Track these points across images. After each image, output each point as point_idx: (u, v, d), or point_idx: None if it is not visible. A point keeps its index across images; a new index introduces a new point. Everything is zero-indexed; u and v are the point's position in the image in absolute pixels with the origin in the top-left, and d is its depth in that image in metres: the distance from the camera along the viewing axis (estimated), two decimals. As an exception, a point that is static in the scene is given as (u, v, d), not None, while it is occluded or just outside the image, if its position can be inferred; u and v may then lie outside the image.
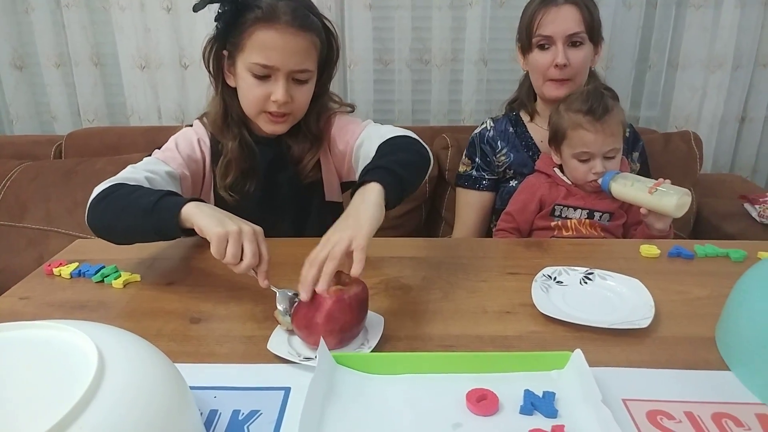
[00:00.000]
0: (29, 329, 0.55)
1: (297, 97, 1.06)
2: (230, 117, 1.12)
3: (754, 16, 1.89)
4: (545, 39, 1.29)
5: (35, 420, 0.42)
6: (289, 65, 1.02)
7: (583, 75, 1.31)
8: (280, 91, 1.02)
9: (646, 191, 1.11)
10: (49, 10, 1.92)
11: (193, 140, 1.13)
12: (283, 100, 1.03)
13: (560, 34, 1.27)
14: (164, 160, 1.07)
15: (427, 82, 2.00)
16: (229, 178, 1.11)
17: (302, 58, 1.03)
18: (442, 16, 1.90)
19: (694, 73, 1.95)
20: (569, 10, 1.27)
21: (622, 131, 1.22)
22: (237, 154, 1.11)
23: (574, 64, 1.27)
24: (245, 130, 1.13)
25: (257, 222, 0.89)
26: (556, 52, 1.27)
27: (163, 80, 1.97)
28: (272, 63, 1.01)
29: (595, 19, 1.29)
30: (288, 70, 1.02)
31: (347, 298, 0.72)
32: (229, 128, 1.11)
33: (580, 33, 1.26)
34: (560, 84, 1.29)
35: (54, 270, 0.95)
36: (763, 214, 1.57)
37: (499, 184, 1.43)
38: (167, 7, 1.88)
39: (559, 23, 1.27)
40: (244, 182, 1.13)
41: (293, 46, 1.02)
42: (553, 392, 0.64)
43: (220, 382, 0.67)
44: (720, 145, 2.05)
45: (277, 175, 1.16)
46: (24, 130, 2.06)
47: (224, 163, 1.11)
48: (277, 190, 1.17)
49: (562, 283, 0.90)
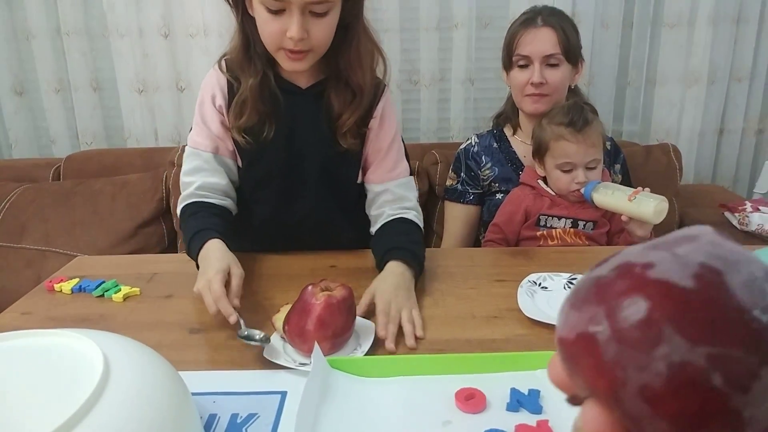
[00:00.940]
0: (38, 337, 0.58)
1: (315, 31, 0.94)
2: (253, 50, 1.01)
3: (726, 34, 1.96)
4: (523, 58, 1.36)
5: (43, 420, 0.45)
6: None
7: (560, 92, 1.38)
8: (295, 27, 0.91)
9: (625, 199, 1.15)
10: (50, 38, 1.97)
11: (216, 95, 1.05)
12: (298, 37, 0.92)
13: (537, 55, 1.33)
14: (197, 148, 1.06)
15: (416, 101, 2.05)
16: (243, 118, 1.02)
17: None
18: (429, 38, 1.96)
19: (671, 88, 2.02)
20: (546, 32, 1.34)
21: (602, 143, 1.27)
22: (255, 93, 1.01)
23: (551, 82, 1.34)
24: (271, 71, 1.03)
25: (279, 189, 1.08)
26: (533, 71, 1.34)
27: (160, 103, 2.02)
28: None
29: (572, 41, 1.35)
30: (302, 3, 0.90)
31: (336, 303, 0.74)
32: (251, 63, 1.02)
33: (556, 54, 1.33)
34: (538, 99, 1.36)
35: (55, 286, 0.98)
36: (743, 221, 1.61)
37: (484, 198, 1.48)
38: (165, 33, 1.94)
39: (536, 44, 1.34)
40: (261, 127, 1.03)
41: None
42: (538, 390, 0.67)
43: (218, 388, 0.70)
44: (700, 157, 2.11)
45: (306, 129, 1.06)
46: (22, 153, 2.09)
47: (239, 101, 1.02)
48: (302, 146, 1.07)
49: (547, 289, 0.93)
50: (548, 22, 1.34)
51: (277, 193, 1.10)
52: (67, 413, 0.45)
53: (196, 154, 1.06)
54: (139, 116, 2.04)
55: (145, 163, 1.85)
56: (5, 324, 0.86)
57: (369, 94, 1.04)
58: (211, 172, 1.06)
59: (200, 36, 1.93)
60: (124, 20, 1.93)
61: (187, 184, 1.06)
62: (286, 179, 1.09)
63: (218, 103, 1.05)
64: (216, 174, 1.06)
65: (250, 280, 0.98)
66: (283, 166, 1.08)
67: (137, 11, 1.92)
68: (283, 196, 1.11)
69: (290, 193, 1.11)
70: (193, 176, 1.05)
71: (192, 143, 1.07)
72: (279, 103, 1.03)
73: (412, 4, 1.94)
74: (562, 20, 1.36)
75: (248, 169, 1.09)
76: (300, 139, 1.06)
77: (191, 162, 1.06)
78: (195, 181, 1.04)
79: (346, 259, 1.08)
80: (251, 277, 0.99)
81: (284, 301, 0.82)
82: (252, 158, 1.08)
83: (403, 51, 1.99)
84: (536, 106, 1.36)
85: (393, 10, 1.93)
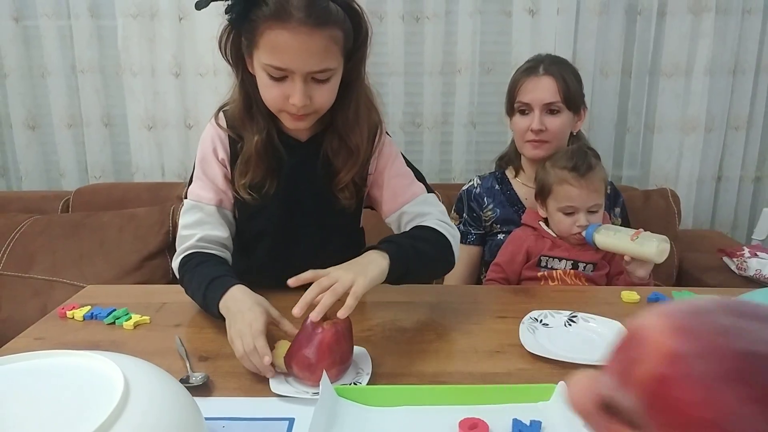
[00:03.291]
0: (59, 357, 0.60)
1: (317, 96, 0.95)
2: (255, 107, 1.02)
3: (723, 83, 2.03)
4: (525, 105, 1.40)
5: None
6: (306, 68, 0.91)
7: (561, 139, 1.42)
8: (298, 95, 0.92)
9: (628, 239, 1.18)
10: (64, 75, 2.04)
11: (217, 149, 1.06)
12: (301, 104, 0.93)
13: (537, 102, 1.38)
14: (200, 201, 1.05)
15: (419, 143, 2.10)
16: (248, 175, 1.02)
17: (320, 58, 0.91)
18: (433, 82, 2.03)
19: (670, 135, 2.07)
20: (547, 81, 1.38)
21: (604, 187, 1.30)
22: (260, 150, 1.01)
23: (551, 129, 1.38)
24: (273, 127, 1.03)
25: (276, 239, 1.07)
26: (533, 117, 1.38)
27: (168, 140, 2.07)
28: (286, 65, 0.91)
29: (573, 89, 1.39)
30: (305, 72, 0.91)
31: (341, 330, 0.76)
32: (253, 120, 1.02)
33: (556, 102, 1.38)
34: (538, 145, 1.40)
35: (67, 313, 0.99)
36: (741, 266, 1.64)
37: (486, 238, 1.50)
38: (176, 72, 2.01)
39: (537, 92, 1.38)
40: (263, 182, 1.04)
41: (309, 46, 0.90)
42: (540, 421, 0.69)
43: (228, 413, 0.72)
44: (699, 203, 2.14)
45: (305, 182, 1.07)
46: (32, 186, 2.13)
47: (244, 159, 1.02)
48: (301, 198, 1.08)
49: (548, 325, 0.95)
50: (549, 71, 1.38)
51: (274, 243, 1.11)
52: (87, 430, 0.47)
53: (197, 207, 1.05)
54: (147, 152, 2.09)
55: (152, 197, 1.89)
56: (19, 349, 0.87)
57: (366, 153, 1.06)
58: (214, 225, 1.05)
59: (210, 75, 1.99)
60: (137, 59, 2.00)
61: (186, 237, 1.04)
62: (285, 231, 1.10)
63: (221, 157, 1.05)
64: (218, 227, 1.05)
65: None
66: (283, 218, 1.09)
67: (150, 51, 2.00)
68: (281, 246, 1.11)
69: (288, 243, 1.11)
70: (194, 229, 1.04)
71: (193, 197, 1.06)
72: (282, 158, 1.05)
73: (417, 49, 2.01)
74: (563, 69, 1.40)
75: (248, 221, 1.10)
76: (299, 192, 1.08)
77: (192, 215, 1.05)
78: (196, 234, 1.03)
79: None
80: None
81: (286, 335, 0.83)
82: (253, 211, 1.08)
83: (406, 94, 2.05)
84: (536, 152, 1.40)
85: (398, 55, 2.00)
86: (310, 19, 0.88)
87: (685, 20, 1.97)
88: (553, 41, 1.95)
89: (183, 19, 1.97)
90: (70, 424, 0.49)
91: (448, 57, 2.01)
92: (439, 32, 1.99)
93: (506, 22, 2.00)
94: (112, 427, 0.49)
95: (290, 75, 0.92)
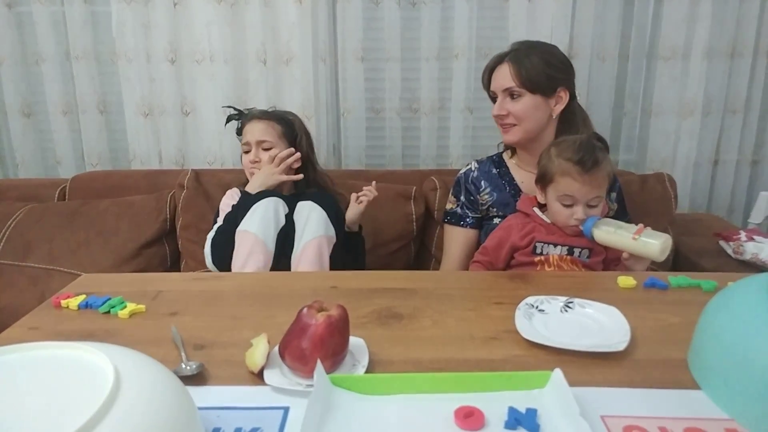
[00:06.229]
0: (49, 349, 0.59)
1: (264, 158, 1.54)
2: None
3: (720, 67, 2.02)
4: (493, 93, 1.47)
5: (54, 430, 0.46)
6: (254, 138, 1.57)
7: (529, 121, 1.43)
8: (251, 156, 1.58)
9: (629, 238, 1.16)
10: (59, 62, 2.03)
11: (234, 197, 1.52)
12: (251, 167, 1.57)
13: (498, 89, 1.44)
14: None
15: (416, 129, 2.10)
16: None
17: (261, 133, 1.56)
18: (429, 68, 2.02)
19: (667, 119, 2.06)
20: (503, 67, 1.43)
21: (607, 182, 1.27)
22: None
23: (513, 112, 1.42)
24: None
25: None
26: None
27: (165, 126, 2.06)
28: (246, 140, 1.58)
29: (534, 72, 1.39)
30: (254, 141, 1.56)
31: (335, 322, 0.76)
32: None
33: (512, 87, 1.40)
34: (507, 129, 1.45)
35: (62, 302, 0.99)
36: (738, 250, 1.64)
37: (483, 222, 1.51)
38: (171, 59, 1.99)
39: (497, 80, 1.45)
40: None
41: (256, 128, 1.57)
42: (535, 408, 0.68)
43: (222, 403, 0.71)
44: (696, 187, 2.14)
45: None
46: (28, 174, 2.12)
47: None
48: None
49: (544, 312, 0.95)
50: (511, 57, 1.41)
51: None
52: (77, 423, 0.46)
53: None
54: (144, 139, 2.08)
55: (149, 185, 1.88)
56: (13, 338, 0.87)
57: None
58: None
59: (206, 62, 1.98)
60: (132, 45, 1.98)
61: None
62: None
63: (236, 199, 1.50)
64: None
65: (252, 298, 1.01)
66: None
67: (145, 37, 1.98)
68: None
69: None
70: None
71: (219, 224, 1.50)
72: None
73: (414, 34, 2.00)
74: (530, 53, 1.40)
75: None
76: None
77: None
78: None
79: (347, 280, 1.10)
80: (253, 296, 1.02)
81: (285, 319, 0.83)
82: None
83: (403, 80, 2.04)
84: (506, 137, 1.46)
85: (395, 40, 1.99)
86: (262, 115, 1.63)
87: (682, 3, 1.96)
88: (550, 26, 1.94)
89: (177, 4, 1.95)
90: (60, 417, 0.49)
91: (444, 42, 2.00)
92: (435, 17, 1.97)
93: (503, 6, 1.98)
94: (103, 419, 0.49)
95: (252, 149, 1.59)
